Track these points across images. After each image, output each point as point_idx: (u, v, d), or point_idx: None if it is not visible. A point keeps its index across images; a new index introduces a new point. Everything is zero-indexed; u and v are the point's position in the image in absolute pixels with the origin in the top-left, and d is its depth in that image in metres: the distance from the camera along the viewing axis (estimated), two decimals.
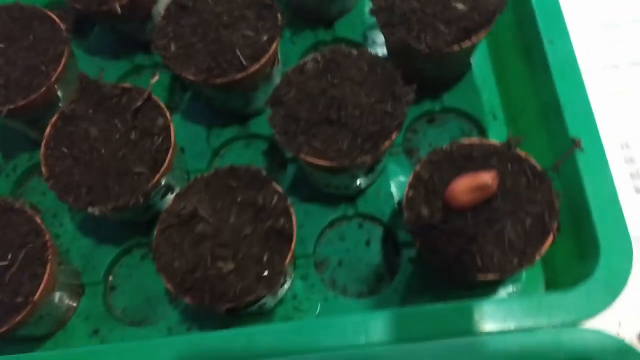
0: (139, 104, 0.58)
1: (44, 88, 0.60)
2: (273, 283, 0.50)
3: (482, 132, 0.66)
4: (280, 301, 0.59)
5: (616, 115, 0.67)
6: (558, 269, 0.56)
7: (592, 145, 0.51)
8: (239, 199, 0.53)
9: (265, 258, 0.50)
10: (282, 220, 0.52)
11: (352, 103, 0.54)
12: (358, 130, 0.53)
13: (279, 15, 0.61)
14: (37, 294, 0.52)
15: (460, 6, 0.57)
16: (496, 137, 0.64)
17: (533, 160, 0.51)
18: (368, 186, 0.63)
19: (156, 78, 0.59)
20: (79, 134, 0.57)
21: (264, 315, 0.59)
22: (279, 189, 0.53)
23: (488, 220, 0.49)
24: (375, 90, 0.55)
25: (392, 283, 0.59)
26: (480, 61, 0.68)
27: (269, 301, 0.55)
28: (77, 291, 0.62)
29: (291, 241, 0.51)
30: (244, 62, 0.59)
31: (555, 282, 0.57)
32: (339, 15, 0.73)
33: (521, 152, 0.52)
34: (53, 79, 0.61)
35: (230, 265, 0.50)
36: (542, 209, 0.50)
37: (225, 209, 0.53)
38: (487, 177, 0.48)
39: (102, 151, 0.56)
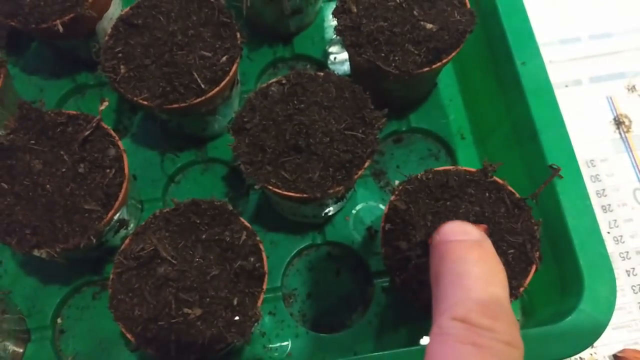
0: (87, 133, 0.53)
1: None
2: (245, 329, 0.46)
3: (450, 152, 0.64)
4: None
5: (580, 132, 0.67)
6: (535, 297, 0.55)
7: (570, 171, 0.50)
8: (203, 237, 0.49)
9: (235, 302, 0.47)
10: (252, 259, 0.48)
11: (321, 129, 0.51)
12: (329, 158, 0.50)
13: (238, 34, 0.57)
14: None
15: (429, 26, 0.55)
16: (465, 157, 0.63)
17: (511, 188, 0.50)
18: (336, 213, 0.61)
19: (106, 104, 0.54)
20: (20, 167, 0.52)
21: (230, 356, 0.55)
22: (247, 224, 0.50)
23: None
24: (344, 115, 0.52)
25: (365, 315, 0.57)
26: (446, 80, 0.66)
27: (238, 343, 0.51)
28: (23, 337, 0.56)
29: (263, 282, 0.48)
30: (203, 86, 0.55)
31: (532, 310, 0.56)
32: (297, 31, 0.70)
33: (498, 180, 0.50)
34: None
35: (197, 311, 0.46)
36: (523, 238, 0.48)
37: (189, 249, 0.49)
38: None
39: (48, 186, 0.51)
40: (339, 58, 0.69)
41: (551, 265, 0.51)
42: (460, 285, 0.30)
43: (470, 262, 0.32)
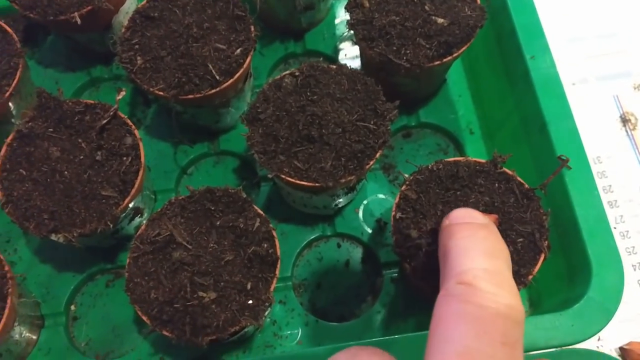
0: (104, 121, 0.54)
1: None
2: (258, 312, 0.47)
3: (458, 147, 0.65)
4: (260, 327, 0.56)
5: (587, 129, 0.68)
6: (542, 287, 0.56)
7: (579, 162, 0.51)
8: (218, 223, 0.50)
9: (249, 286, 0.48)
10: (265, 245, 0.49)
11: (333, 120, 0.52)
12: (341, 149, 0.51)
13: (252, 28, 0.58)
14: None
15: (440, 20, 0.56)
16: (473, 152, 0.64)
17: (520, 178, 0.50)
18: (346, 205, 0.61)
19: (122, 93, 0.55)
20: (39, 154, 0.53)
21: (242, 343, 0.56)
22: (260, 211, 0.51)
23: None
24: (356, 106, 0.53)
25: (374, 305, 0.57)
26: (455, 76, 0.68)
27: (249, 328, 0.52)
28: (37, 323, 0.57)
29: (276, 267, 0.49)
30: (217, 77, 0.56)
31: (539, 300, 0.57)
32: (309, 27, 0.71)
33: (508, 170, 0.51)
34: (7, 94, 0.56)
35: (212, 295, 0.47)
36: (532, 228, 0.49)
37: (203, 234, 0.49)
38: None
39: (65, 173, 0.52)
40: (350, 54, 0.70)
41: (559, 255, 0.52)
42: (467, 256, 0.32)
43: (477, 239, 0.34)
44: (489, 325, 0.28)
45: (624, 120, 0.69)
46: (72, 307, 0.59)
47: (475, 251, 0.33)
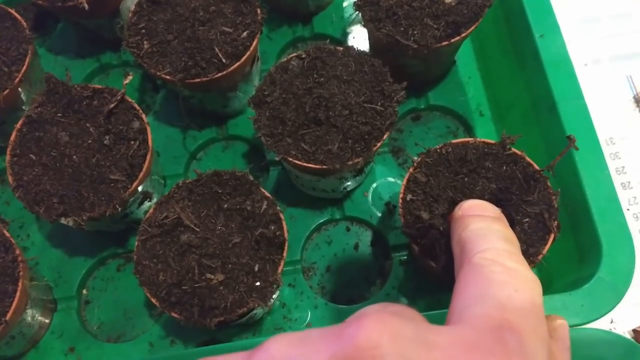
0: (112, 106, 0.54)
1: (7, 90, 0.56)
2: (266, 294, 0.47)
3: (468, 129, 0.64)
4: (269, 310, 0.57)
5: (600, 110, 0.67)
6: (552, 267, 0.55)
7: (589, 141, 0.50)
8: (225, 206, 0.50)
9: (256, 268, 0.48)
10: (272, 227, 0.49)
11: (340, 102, 0.51)
12: (348, 131, 0.51)
13: (258, 10, 0.58)
14: (9, 313, 0.48)
15: (448, 0, 0.56)
16: (483, 134, 0.63)
17: (529, 159, 0.50)
18: (355, 188, 0.61)
19: (130, 77, 0.55)
20: (48, 139, 0.53)
21: (252, 326, 0.56)
22: (268, 194, 0.51)
23: None
24: (363, 88, 0.53)
25: (383, 288, 0.57)
26: (465, 58, 0.67)
27: (258, 311, 0.52)
28: (49, 307, 0.58)
29: (283, 249, 0.49)
30: (224, 60, 0.55)
31: (549, 280, 0.56)
32: (317, 11, 0.70)
33: (517, 151, 0.50)
34: (17, 80, 0.57)
35: (220, 277, 0.47)
36: (540, 208, 0.48)
37: (211, 217, 0.50)
38: None
39: (74, 157, 0.52)
40: (359, 37, 0.70)
41: (569, 235, 0.51)
42: (486, 239, 0.34)
43: (493, 229, 0.36)
44: (519, 287, 0.29)
45: (638, 101, 0.68)
46: (84, 291, 0.60)
47: (494, 236, 0.35)
